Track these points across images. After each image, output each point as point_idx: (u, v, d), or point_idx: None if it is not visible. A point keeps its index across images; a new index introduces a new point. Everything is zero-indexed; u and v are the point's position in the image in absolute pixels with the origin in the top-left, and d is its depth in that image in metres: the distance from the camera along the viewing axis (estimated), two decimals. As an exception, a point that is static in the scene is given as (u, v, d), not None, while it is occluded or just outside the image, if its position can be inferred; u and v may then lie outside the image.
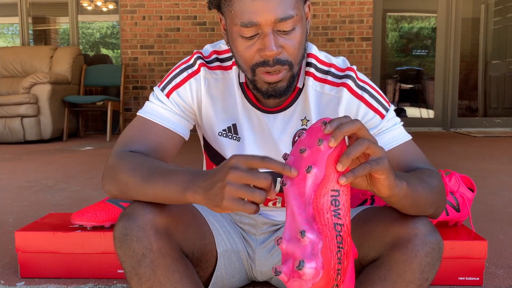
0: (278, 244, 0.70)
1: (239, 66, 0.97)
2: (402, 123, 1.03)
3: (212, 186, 0.73)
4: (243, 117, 1.03)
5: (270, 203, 1.13)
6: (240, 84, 1.03)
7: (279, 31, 0.88)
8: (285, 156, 0.74)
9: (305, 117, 1.03)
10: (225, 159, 1.07)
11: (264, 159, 0.70)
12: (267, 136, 1.04)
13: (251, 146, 1.04)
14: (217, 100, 1.04)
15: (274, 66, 0.89)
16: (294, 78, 0.94)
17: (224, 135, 1.05)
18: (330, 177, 0.69)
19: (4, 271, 1.47)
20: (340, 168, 0.69)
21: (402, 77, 6.41)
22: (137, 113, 1.02)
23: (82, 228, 1.41)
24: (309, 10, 0.95)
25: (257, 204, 0.71)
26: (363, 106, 1.00)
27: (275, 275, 0.69)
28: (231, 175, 0.70)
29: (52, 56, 5.29)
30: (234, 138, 1.05)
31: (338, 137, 0.69)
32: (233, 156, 0.72)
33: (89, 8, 6.05)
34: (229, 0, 0.88)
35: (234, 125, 1.05)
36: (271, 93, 0.94)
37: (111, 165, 0.92)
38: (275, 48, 0.87)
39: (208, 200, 0.73)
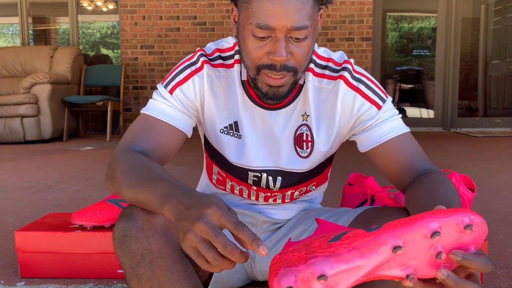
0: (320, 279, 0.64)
1: (243, 62, 0.96)
2: (400, 115, 1.03)
3: (182, 218, 0.71)
4: (244, 115, 1.04)
5: (270, 200, 1.13)
6: (242, 82, 1.03)
7: (291, 38, 0.88)
8: None
9: (305, 112, 1.03)
10: (224, 157, 1.07)
11: (237, 225, 0.67)
12: (268, 133, 1.05)
13: (252, 143, 1.05)
14: (219, 97, 1.04)
15: (280, 72, 0.90)
16: (296, 83, 0.95)
17: (226, 132, 1.05)
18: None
19: (4, 271, 1.47)
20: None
21: (402, 77, 6.41)
22: (141, 111, 1.03)
23: (82, 228, 1.41)
24: (320, 17, 0.96)
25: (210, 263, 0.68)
26: (359, 97, 1.00)
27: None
28: (198, 225, 0.68)
29: (52, 56, 5.29)
30: (235, 135, 1.05)
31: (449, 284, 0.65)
32: (213, 204, 0.69)
33: (89, 8, 6.05)
34: None
35: (236, 123, 1.05)
36: (270, 96, 0.95)
37: (111, 163, 0.93)
38: (285, 54, 0.87)
39: (176, 229, 0.72)
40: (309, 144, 1.04)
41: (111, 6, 6.04)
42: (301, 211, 1.19)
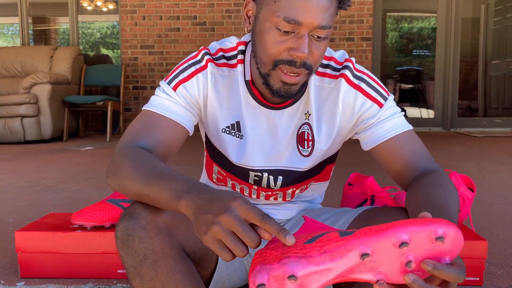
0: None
1: (256, 56, 0.95)
2: (402, 113, 1.03)
3: (203, 212, 0.70)
4: (247, 115, 1.04)
5: (271, 198, 1.13)
6: (246, 82, 1.03)
7: (313, 36, 0.88)
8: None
9: (307, 111, 1.03)
10: (225, 157, 1.07)
11: (263, 218, 0.67)
12: (271, 133, 1.05)
13: (253, 143, 1.05)
14: (222, 97, 1.04)
15: (299, 68, 0.90)
16: (307, 83, 0.96)
17: (227, 132, 1.05)
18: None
19: (4, 271, 1.47)
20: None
21: (402, 77, 6.41)
22: (143, 108, 1.02)
23: (82, 228, 1.41)
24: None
25: (233, 254, 0.68)
26: (360, 96, 1.00)
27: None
28: (225, 218, 0.67)
29: (52, 56, 5.29)
30: (237, 135, 1.05)
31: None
32: (238, 198, 0.69)
33: (89, 8, 6.05)
34: None
35: (238, 123, 1.05)
36: (282, 93, 0.94)
37: (114, 159, 0.91)
38: (307, 51, 0.88)
39: (195, 223, 0.71)
40: (310, 143, 1.04)
41: (111, 6, 6.04)
42: (301, 211, 1.19)
